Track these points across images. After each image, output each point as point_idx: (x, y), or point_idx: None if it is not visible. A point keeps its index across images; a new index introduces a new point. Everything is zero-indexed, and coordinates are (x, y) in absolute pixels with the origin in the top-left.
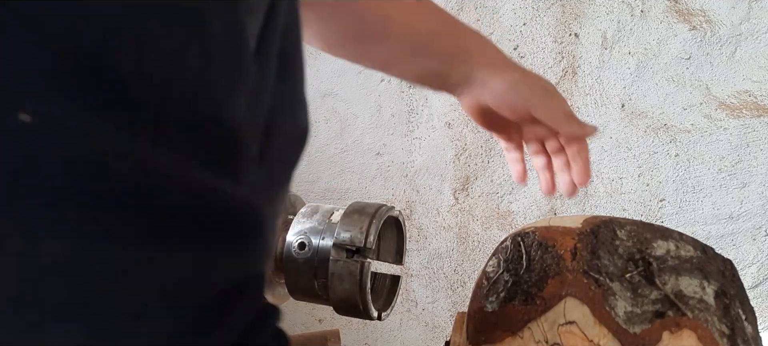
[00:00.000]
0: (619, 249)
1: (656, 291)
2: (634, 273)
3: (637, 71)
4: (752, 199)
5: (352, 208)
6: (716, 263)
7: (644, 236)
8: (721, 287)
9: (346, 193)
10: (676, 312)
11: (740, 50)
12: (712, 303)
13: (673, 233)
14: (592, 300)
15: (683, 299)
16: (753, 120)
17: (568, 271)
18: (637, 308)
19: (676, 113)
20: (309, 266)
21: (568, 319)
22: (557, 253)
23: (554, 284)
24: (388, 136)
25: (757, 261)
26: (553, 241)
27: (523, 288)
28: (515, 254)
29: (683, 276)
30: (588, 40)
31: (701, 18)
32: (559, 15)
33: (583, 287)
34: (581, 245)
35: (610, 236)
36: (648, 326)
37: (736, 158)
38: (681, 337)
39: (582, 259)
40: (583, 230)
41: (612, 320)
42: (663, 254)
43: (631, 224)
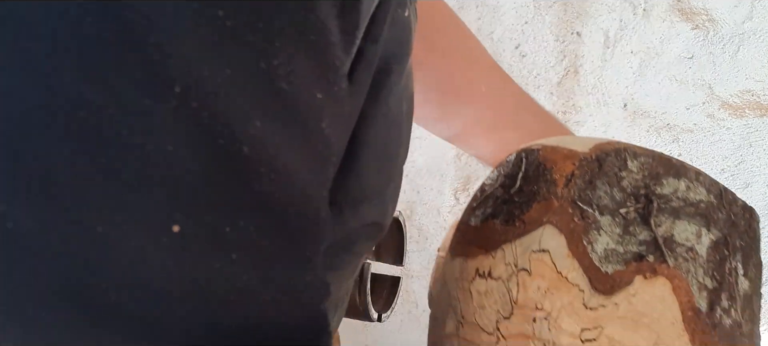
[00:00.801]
0: (625, 181)
1: (647, 232)
2: (631, 209)
3: (639, 70)
4: (755, 199)
5: None
6: (729, 210)
7: (657, 170)
8: (725, 237)
9: None
10: (658, 257)
11: (743, 49)
12: (702, 254)
13: (690, 172)
14: (571, 232)
15: (671, 245)
16: (756, 120)
17: (556, 198)
18: (620, 247)
19: (679, 113)
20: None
21: (542, 247)
22: (552, 177)
23: (538, 209)
24: None
25: None
26: (553, 163)
27: (509, 208)
28: (515, 170)
29: (681, 220)
30: (590, 38)
31: (704, 17)
32: (561, 14)
33: (566, 217)
34: (579, 172)
35: (619, 166)
36: (622, 268)
37: (738, 158)
38: (653, 284)
39: (575, 187)
40: (588, 156)
41: (586, 255)
42: (669, 193)
43: (648, 156)
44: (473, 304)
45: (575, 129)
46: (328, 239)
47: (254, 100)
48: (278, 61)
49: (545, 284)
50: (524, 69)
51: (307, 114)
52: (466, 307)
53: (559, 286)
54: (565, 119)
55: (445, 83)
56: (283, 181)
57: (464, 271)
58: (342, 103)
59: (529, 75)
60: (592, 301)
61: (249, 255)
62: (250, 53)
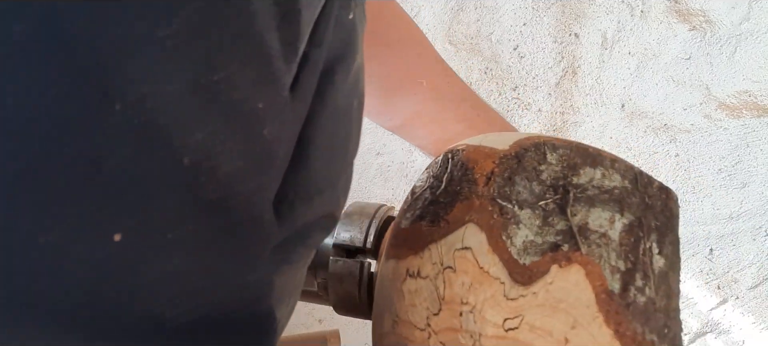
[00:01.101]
0: (544, 174)
1: (564, 222)
2: (549, 201)
3: (637, 71)
4: (752, 199)
5: (351, 208)
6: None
7: (575, 161)
8: (639, 220)
9: None
10: (572, 246)
11: (740, 50)
12: (615, 238)
13: (606, 160)
14: (491, 228)
15: (585, 232)
16: (753, 120)
17: (476, 196)
18: (539, 238)
19: (676, 113)
20: (309, 268)
21: (465, 245)
22: (473, 177)
23: (461, 208)
24: (388, 136)
25: (757, 261)
26: (474, 163)
27: (435, 209)
28: (441, 171)
29: (595, 208)
30: (588, 40)
31: (701, 18)
32: (559, 15)
33: (486, 214)
34: (498, 169)
35: (538, 160)
36: (538, 259)
37: (736, 158)
38: (569, 272)
39: (494, 185)
40: (507, 153)
41: (505, 249)
42: (585, 182)
43: (566, 148)
44: (405, 303)
45: (573, 129)
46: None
47: (196, 113)
48: (219, 76)
49: (469, 279)
50: (523, 70)
51: (248, 124)
52: (399, 306)
53: (481, 280)
54: (563, 120)
55: (388, 76)
56: (225, 188)
57: (396, 272)
58: (284, 109)
59: (527, 76)
60: (513, 292)
61: (192, 259)
62: (192, 70)
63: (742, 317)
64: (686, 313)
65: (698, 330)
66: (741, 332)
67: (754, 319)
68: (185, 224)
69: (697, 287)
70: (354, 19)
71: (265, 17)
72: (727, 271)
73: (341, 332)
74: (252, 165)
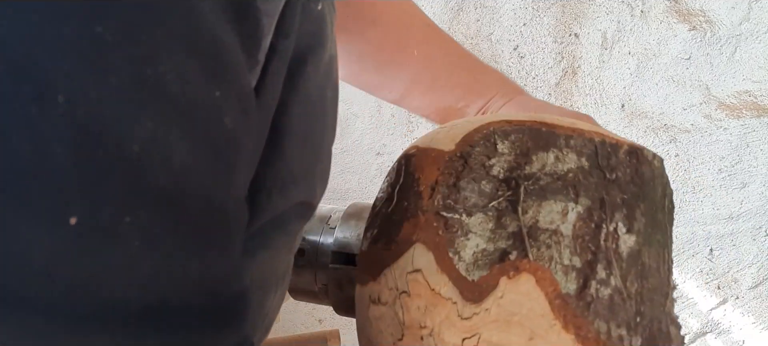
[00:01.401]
0: (495, 169)
1: (515, 222)
2: (502, 199)
3: (637, 71)
4: (752, 199)
5: (350, 211)
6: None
7: (526, 146)
8: (600, 201)
9: (346, 193)
10: (519, 253)
11: (740, 50)
12: (568, 233)
13: (560, 140)
14: (437, 246)
15: (535, 234)
16: (753, 120)
17: (422, 212)
18: (491, 245)
19: (676, 113)
20: (309, 269)
21: (415, 267)
22: (418, 190)
23: (408, 228)
24: (388, 136)
25: (757, 261)
26: (420, 172)
27: (388, 228)
28: (395, 180)
29: (548, 201)
30: (588, 40)
31: (701, 18)
32: (559, 15)
33: (431, 231)
34: (442, 177)
35: (487, 153)
36: (486, 273)
37: (736, 158)
38: (518, 282)
39: (439, 195)
40: (452, 154)
41: (453, 267)
42: (537, 170)
43: (519, 132)
44: (374, 329)
45: None
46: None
47: (142, 103)
48: (165, 67)
49: (423, 302)
50: (523, 70)
51: (204, 113)
52: (370, 332)
53: (435, 302)
54: None
55: (379, 51)
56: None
57: (362, 299)
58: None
59: (527, 76)
60: (466, 311)
61: (151, 245)
62: (134, 63)
63: (742, 317)
64: (686, 313)
65: (698, 330)
66: (741, 332)
67: (754, 319)
68: (139, 209)
69: (697, 287)
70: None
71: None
72: (727, 271)
73: (341, 332)
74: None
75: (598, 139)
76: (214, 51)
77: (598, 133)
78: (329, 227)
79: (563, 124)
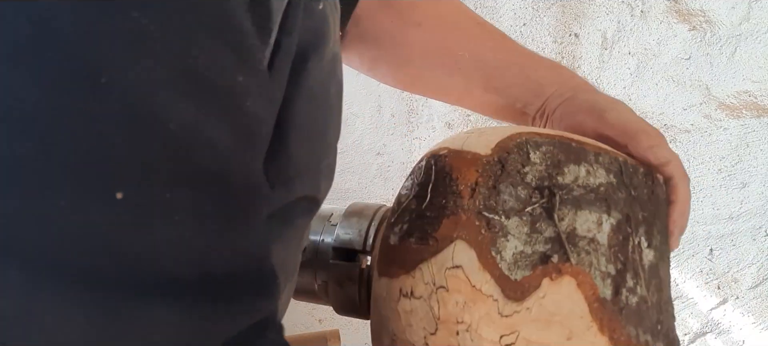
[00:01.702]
0: (528, 176)
1: (552, 228)
2: (536, 206)
3: (637, 71)
4: (752, 199)
5: (351, 209)
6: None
7: (558, 158)
8: (627, 216)
9: (346, 193)
10: (561, 256)
11: (740, 50)
12: (604, 242)
13: (589, 155)
14: (479, 244)
15: (574, 240)
16: (753, 120)
17: (463, 211)
18: (528, 248)
19: (676, 113)
20: (309, 268)
21: (456, 263)
22: (457, 189)
23: (448, 225)
24: (388, 136)
25: (757, 261)
26: (458, 172)
27: (421, 225)
28: (425, 179)
29: (583, 210)
30: (588, 40)
31: (701, 18)
32: (559, 15)
33: (473, 230)
34: (482, 179)
35: (521, 161)
36: (529, 273)
37: (736, 158)
38: (560, 284)
39: (480, 196)
40: (490, 158)
41: (495, 266)
42: (570, 182)
43: (549, 144)
44: (402, 323)
45: None
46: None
47: (178, 86)
48: (197, 52)
49: (463, 298)
50: None
51: (230, 95)
52: (396, 325)
53: (475, 299)
54: None
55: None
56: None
57: (390, 291)
58: (264, 82)
59: None
60: (507, 308)
61: (191, 217)
62: (171, 47)
63: (742, 317)
64: (686, 313)
65: (698, 330)
66: (741, 332)
67: (754, 319)
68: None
69: (697, 287)
70: (324, 9)
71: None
72: (727, 271)
73: (341, 332)
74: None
75: (621, 158)
76: (239, 37)
77: (620, 153)
78: (330, 224)
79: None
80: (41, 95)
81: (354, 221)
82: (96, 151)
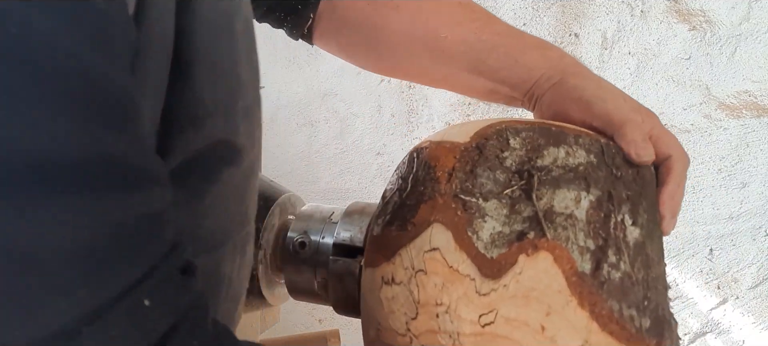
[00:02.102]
0: (508, 161)
1: (530, 208)
2: (515, 188)
3: (637, 71)
4: (752, 199)
5: (352, 208)
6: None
7: (538, 142)
8: (608, 193)
9: (346, 193)
10: (537, 233)
11: (740, 50)
12: (582, 218)
13: (569, 137)
14: (455, 226)
15: (551, 216)
16: (753, 120)
17: (439, 195)
18: (506, 228)
19: (676, 113)
20: (309, 264)
21: (433, 245)
22: (435, 175)
23: (425, 210)
24: (388, 136)
25: (757, 261)
26: (436, 160)
27: (402, 213)
28: (408, 171)
29: (561, 189)
30: (588, 40)
31: (701, 18)
32: (559, 15)
33: (449, 212)
34: (459, 164)
35: (500, 147)
36: (505, 251)
37: (736, 158)
38: (536, 259)
39: (456, 180)
40: (468, 145)
41: (472, 245)
42: (549, 163)
43: (529, 130)
44: (385, 310)
45: None
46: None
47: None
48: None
49: (440, 280)
50: None
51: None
52: (380, 314)
53: (452, 279)
54: None
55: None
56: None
57: (373, 280)
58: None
59: None
60: (484, 287)
61: (57, 109)
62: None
63: (742, 317)
64: (686, 313)
65: (698, 330)
66: (741, 332)
67: (755, 319)
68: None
69: (697, 287)
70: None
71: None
72: (727, 271)
73: (341, 332)
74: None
75: (603, 140)
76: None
77: (604, 137)
78: (331, 222)
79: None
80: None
81: (355, 219)
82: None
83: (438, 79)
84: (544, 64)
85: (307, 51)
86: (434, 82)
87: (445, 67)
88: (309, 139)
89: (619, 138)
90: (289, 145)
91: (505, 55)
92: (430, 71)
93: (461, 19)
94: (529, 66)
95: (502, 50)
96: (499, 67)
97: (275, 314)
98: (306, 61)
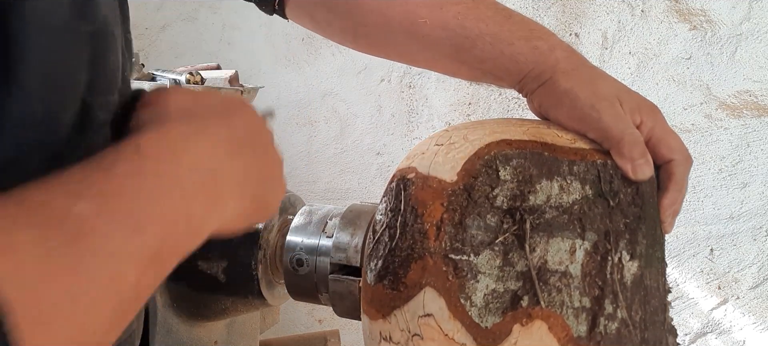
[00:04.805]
0: (498, 199)
1: (523, 261)
2: (508, 234)
3: (637, 71)
4: (753, 199)
5: (347, 217)
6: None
7: (530, 172)
8: (605, 233)
9: (346, 193)
10: (531, 298)
11: (741, 50)
12: (577, 273)
13: (563, 166)
14: (448, 292)
15: (544, 276)
16: (753, 120)
17: (429, 254)
18: (500, 285)
19: (677, 113)
20: (309, 280)
21: (427, 311)
22: (423, 228)
23: (416, 270)
24: (388, 136)
25: (758, 261)
26: (424, 207)
27: (393, 268)
28: (395, 205)
29: (555, 238)
30: (588, 39)
31: (702, 18)
32: (560, 15)
33: (441, 276)
34: (448, 215)
35: (490, 183)
36: (499, 320)
37: (736, 158)
38: (531, 329)
39: (445, 237)
40: (455, 187)
41: (465, 314)
42: (542, 203)
43: (520, 156)
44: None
45: None
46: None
47: None
48: None
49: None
50: None
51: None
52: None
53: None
54: None
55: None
56: None
57: (371, 331)
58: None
59: None
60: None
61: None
62: None
63: (743, 317)
64: (687, 313)
65: (699, 330)
66: (741, 332)
67: (755, 319)
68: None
69: (697, 287)
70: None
71: None
72: (727, 271)
73: (341, 332)
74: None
75: (600, 161)
76: None
77: (600, 155)
78: (326, 235)
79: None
80: None
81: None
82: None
83: (420, 63)
84: (532, 58)
85: (307, 51)
86: (417, 64)
87: (425, 52)
88: (309, 139)
89: (616, 156)
90: (289, 145)
91: (490, 46)
92: (411, 54)
93: (443, 2)
94: (517, 59)
95: (487, 40)
96: (483, 57)
97: (275, 314)
98: (306, 61)
